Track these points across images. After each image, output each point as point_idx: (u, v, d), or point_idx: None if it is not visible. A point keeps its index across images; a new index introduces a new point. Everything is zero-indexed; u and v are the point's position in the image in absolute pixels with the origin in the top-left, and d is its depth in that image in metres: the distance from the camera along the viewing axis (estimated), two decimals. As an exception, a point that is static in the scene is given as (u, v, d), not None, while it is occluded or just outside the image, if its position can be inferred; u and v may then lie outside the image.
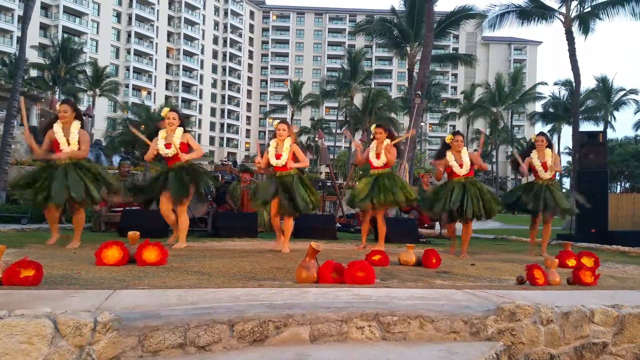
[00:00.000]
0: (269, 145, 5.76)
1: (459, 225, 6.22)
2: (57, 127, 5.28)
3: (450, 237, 6.41)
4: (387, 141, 6.31)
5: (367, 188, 6.13)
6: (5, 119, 15.23)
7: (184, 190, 5.44)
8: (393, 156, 6.27)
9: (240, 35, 78.66)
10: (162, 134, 5.55)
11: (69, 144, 5.23)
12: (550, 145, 6.48)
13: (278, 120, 5.93)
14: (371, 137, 6.45)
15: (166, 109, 5.73)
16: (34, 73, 38.42)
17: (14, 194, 13.97)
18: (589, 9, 20.00)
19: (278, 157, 5.60)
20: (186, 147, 5.59)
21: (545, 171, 6.32)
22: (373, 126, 6.51)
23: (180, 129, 5.59)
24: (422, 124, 50.14)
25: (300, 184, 5.61)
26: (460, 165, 5.92)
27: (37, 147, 5.32)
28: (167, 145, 5.48)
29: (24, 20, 15.06)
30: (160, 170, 5.74)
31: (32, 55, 37.24)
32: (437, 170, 6.14)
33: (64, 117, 5.29)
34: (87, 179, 5.17)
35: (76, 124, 5.35)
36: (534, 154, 6.42)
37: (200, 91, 71.94)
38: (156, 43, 65.72)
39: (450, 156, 6.00)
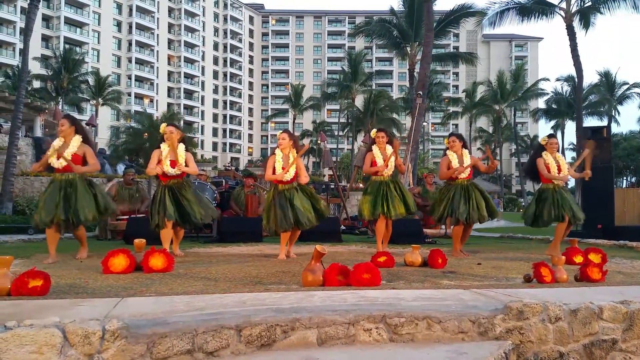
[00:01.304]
0: (274, 154, 5.59)
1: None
2: (58, 142, 5.20)
3: (455, 239, 6.30)
4: (389, 147, 6.30)
5: (373, 200, 6.03)
6: (10, 130, 15.29)
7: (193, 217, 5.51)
8: (401, 165, 6.30)
9: (240, 41, 78.89)
10: (164, 149, 5.49)
11: (58, 158, 5.07)
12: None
13: (281, 130, 5.85)
14: (371, 141, 6.41)
15: (163, 125, 5.68)
16: (37, 84, 38.69)
17: (20, 204, 14.08)
18: (589, 3, 19.97)
19: (285, 170, 5.44)
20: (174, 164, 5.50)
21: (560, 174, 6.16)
22: (374, 131, 6.33)
23: (182, 146, 5.56)
24: (425, 123, 50.13)
25: (304, 196, 5.49)
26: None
27: (40, 162, 5.28)
28: (172, 164, 5.44)
29: (26, 32, 15.14)
30: (161, 191, 5.52)
31: (35, 67, 37.53)
32: (442, 170, 6.12)
33: (60, 131, 5.21)
34: (83, 198, 5.07)
35: (76, 139, 5.21)
36: (547, 156, 6.17)
37: (202, 97, 72.18)
38: (157, 51, 66.01)
39: (452, 156, 6.03)
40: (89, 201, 5.10)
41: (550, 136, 6.36)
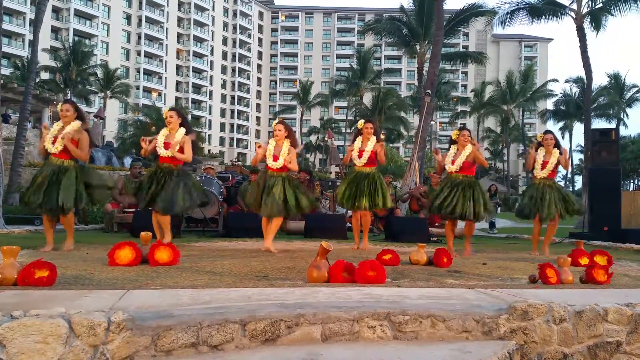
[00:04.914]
0: (268, 143, 5.75)
1: (460, 223, 6.20)
2: (55, 127, 5.16)
3: (449, 237, 6.11)
4: (374, 138, 6.28)
5: (349, 188, 6.14)
6: (19, 121, 15.40)
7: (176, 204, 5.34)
8: (382, 157, 6.26)
9: (249, 36, 78.91)
10: (163, 132, 5.51)
11: (54, 143, 5.03)
12: (557, 145, 6.40)
13: (276, 121, 5.91)
14: (358, 132, 6.43)
15: (166, 109, 5.72)
16: (45, 76, 38.88)
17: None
18: (600, 4, 19.77)
19: (275, 158, 5.58)
20: (181, 150, 5.45)
21: (542, 170, 6.27)
22: (361, 122, 6.41)
23: (182, 130, 5.51)
24: (432, 122, 49.94)
25: (290, 188, 5.53)
26: (452, 162, 5.80)
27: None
28: (166, 145, 5.41)
29: (36, 24, 15.24)
30: (150, 171, 5.51)
31: (44, 58, 37.70)
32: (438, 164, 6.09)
33: (65, 116, 5.15)
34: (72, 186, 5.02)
35: (74, 124, 5.15)
36: (540, 151, 6.41)
37: (210, 92, 72.29)
38: (166, 45, 66.15)
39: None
40: (71, 190, 5.01)
41: (546, 132, 6.60)
